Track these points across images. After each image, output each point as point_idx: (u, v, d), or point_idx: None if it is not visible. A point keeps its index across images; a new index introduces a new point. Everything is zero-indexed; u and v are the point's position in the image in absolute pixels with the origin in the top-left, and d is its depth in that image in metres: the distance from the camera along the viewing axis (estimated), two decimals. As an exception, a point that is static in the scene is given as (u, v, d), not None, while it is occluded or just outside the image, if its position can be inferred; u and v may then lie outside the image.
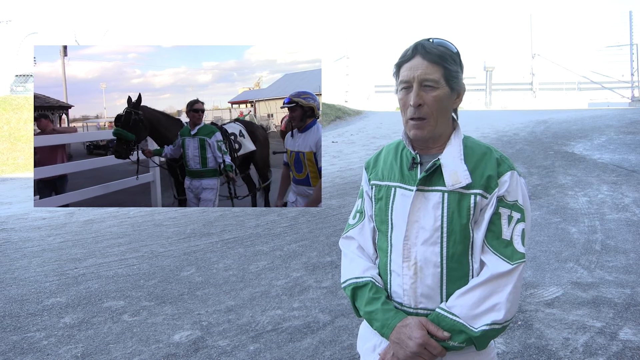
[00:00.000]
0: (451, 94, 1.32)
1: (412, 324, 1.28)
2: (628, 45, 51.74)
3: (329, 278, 4.38)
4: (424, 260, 1.32)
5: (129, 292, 4.20)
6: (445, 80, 1.29)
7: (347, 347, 3.16)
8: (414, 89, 1.29)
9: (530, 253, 4.78)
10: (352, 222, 1.54)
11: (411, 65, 1.30)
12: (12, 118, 16.55)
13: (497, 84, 62.02)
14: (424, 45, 1.29)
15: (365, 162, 1.54)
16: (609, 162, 9.53)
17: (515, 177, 1.32)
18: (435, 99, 1.28)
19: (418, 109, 1.29)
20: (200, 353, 3.14)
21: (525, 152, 11.12)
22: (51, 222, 6.83)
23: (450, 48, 1.32)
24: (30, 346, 3.27)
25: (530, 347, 3.08)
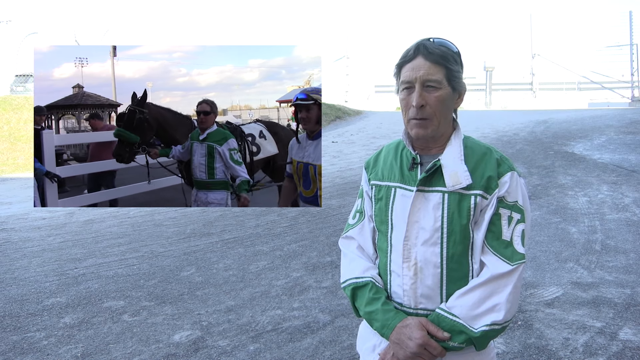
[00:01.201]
0: (453, 94, 1.31)
1: (412, 324, 1.28)
2: (628, 45, 51.78)
3: (329, 278, 4.38)
4: (424, 261, 1.32)
5: (129, 292, 4.20)
6: (447, 80, 1.29)
7: (347, 347, 3.16)
8: (417, 90, 1.28)
9: (530, 253, 4.78)
10: (351, 222, 1.53)
11: (413, 65, 1.29)
12: (12, 118, 16.55)
13: (497, 84, 62.05)
14: (425, 46, 1.29)
15: (365, 162, 1.54)
16: (609, 162, 9.53)
17: (515, 178, 1.32)
18: (437, 100, 1.28)
19: (421, 109, 1.29)
20: (200, 353, 3.14)
21: (525, 152, 11.12)
22: (51, 222, 6.83)
23: (451, 48, 1.31)
24: (30, 346, 3.27)
25: (530, 347, 3.08)
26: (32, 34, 36.53)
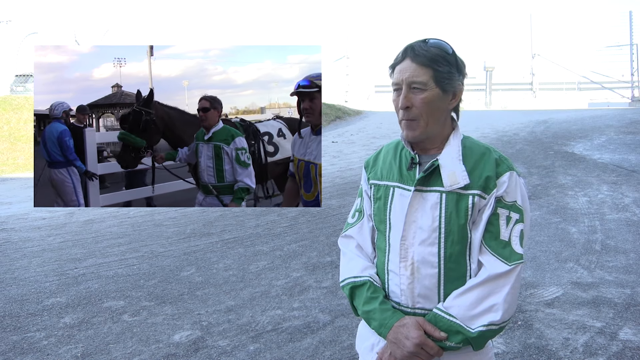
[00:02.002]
0: (443, 95, 1.31)
1: (409, 323, 1.29)
2: (628, 45, 51.71)
3: (329, 278, 4.38)
4: (421, 261, 1.32)
5: (129, 292, 4.20)
6: (435, 81, 1.29)
7: (347, 347, 3.16)
8: (403, 91, 1.30)
9: (530, 253, 4.78)
10: (351, 221, 1.54)
11: (401, 67, 1.31)
12: (12, 118, 16.55)
13: (497, 84, 62.01)
14: (413, 48, 1.31)
15: (364, 162, 1.54)
16: (609, 162, 9.53)
17: (514, 178, 1.31)
18: (423, 101, 1.29)
19: (407, 111, 1.30)
20: (200, 353, 3.14)
21: (525, 152, 11.12)
22: (51, 222, 6.84)
23: (445, 49, 1.31)
24: (30, 346, 3.27)
25: (530, 347, 3.08)
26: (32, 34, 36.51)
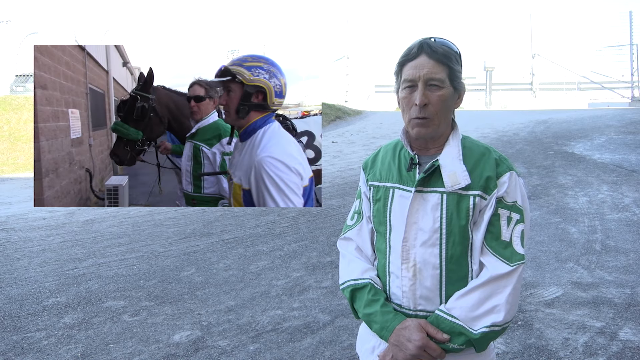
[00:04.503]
0: (454, 94, 1.31)
1: (411, 326, 1.28)
2: (628, 45, 51.74)
3: (329, 278, 4.38)
4: (422, 262, 1.32)
5: (129, 292, 4.19)
6: (450, 80, 1.29)
7: (347, 347, 3.16)
8: (420, 88, 1.27)
9: (530, 253, 4.78)
10: (350, 223, 1.53)
11: (416, 63, 1.28)
12: (12, 118, 16.55)
13: (497, 84, 62.06)
14: (429, 44, 1.28)
15: (362, 163, 1.53)
16: (609, 162, 9.52)
17: (514, 178, 1.31)
18: (440, 99, 1.28)
19: (423, 108, 1.28)
20: (200, 353, 3.14)
21: (525, 152, 11.12)
22: (51, 222, 6.83)
23: (453, 48, 1.32)
24: (30, 346, 3.27)
25: (530, 347, 3.08)
26: (32, 34, 36.51)
